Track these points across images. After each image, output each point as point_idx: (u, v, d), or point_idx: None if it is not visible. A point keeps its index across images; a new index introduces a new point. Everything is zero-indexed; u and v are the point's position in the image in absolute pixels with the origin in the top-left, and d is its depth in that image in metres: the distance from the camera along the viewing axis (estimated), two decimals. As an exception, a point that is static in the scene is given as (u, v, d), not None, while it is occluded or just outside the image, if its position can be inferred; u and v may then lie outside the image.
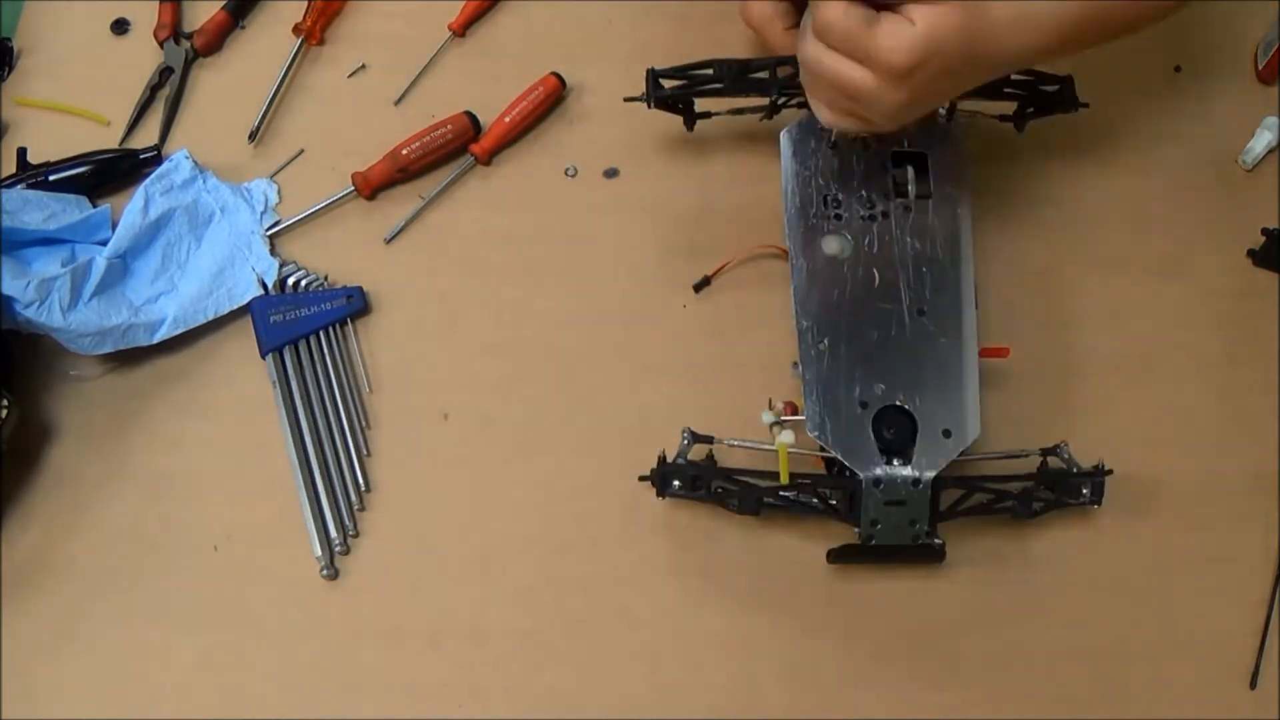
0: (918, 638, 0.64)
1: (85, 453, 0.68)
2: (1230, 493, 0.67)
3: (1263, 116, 0.78)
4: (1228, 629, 0.64)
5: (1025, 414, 0.69)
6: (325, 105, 0.80)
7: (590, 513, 0.67)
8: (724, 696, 0.62)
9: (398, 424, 0.70)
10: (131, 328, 0.68)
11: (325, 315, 0.71)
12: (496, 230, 0.76)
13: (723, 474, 0.62)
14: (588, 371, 0.71)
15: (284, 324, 0.70)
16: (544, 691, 0.62)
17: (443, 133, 0.76)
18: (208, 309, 0.71)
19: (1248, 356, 0.71)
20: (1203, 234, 0.75)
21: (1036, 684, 0.63)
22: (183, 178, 0.74)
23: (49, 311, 0.64)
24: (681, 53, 0.81)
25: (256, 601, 0.65)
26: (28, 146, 0.76)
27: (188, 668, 0.63)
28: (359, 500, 0.68)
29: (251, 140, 0.79)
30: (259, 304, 0.71)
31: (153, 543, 0.66)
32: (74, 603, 0.65)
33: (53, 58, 0.83)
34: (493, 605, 0.64)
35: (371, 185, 0.75)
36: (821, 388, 0.62)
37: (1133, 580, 0.65)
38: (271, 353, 0.70)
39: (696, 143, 0.79)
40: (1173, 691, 0.62)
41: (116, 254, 0.70)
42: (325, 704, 0.62)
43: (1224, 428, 0.69)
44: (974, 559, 0.65)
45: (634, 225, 0.75)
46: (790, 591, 0.65)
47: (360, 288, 0.73)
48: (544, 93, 0.79)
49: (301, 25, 0.82)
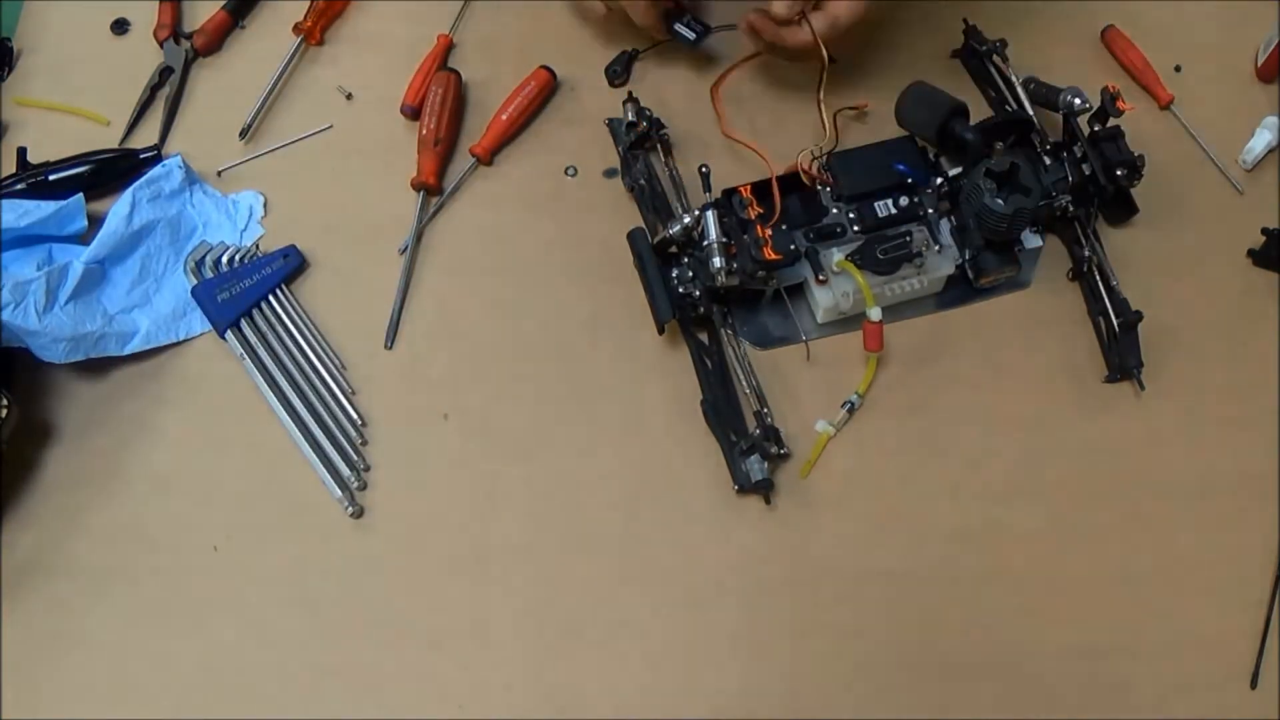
0: (918, 638, 0.64)
1: (85, 453, 0.68)
2: (1230, 493, 0.67)
3: (1263, 116, 0.78)
4: (1228, 629, 0.64)
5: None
6: (323, 106, 0.81)
7: (590, 512, 0.67)
8: (724, 696, 0.62)
9: (398, 424, 0.70)
10: (104, 336, 0.68)
11: (269, 280, 0.72)
12: (496, 230, 0.76)
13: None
14: (588, 371, 0.71)
15: (232, 300, 0.71)
16: (544, 691, 0.62)
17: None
18: (179, 329, 0.72)
19: (1248, 356, 0.71)
20: (1203, 234, 0.75)
21: (1036, 684, 0.63)
22: (172, 187, 0.74)
23: (24, 314, 0.64)
24: (681, 53, 0.82)
25: (256, 601, 0.65)
26: (28, 146, 0.76)
27: (188, 668, 0.63)
28: (358, 434, 0.68)
29: (243, 138, 0.79)
30: (201, 290, 0.71)
31: (153, 543, 0.66)
32: (74, 603, 0.65)
33: (53, 58, 0.83)
34: (493, 605, 0.64)
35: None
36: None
37: (1133, 580, 0.65)
38: (230, 329, 0.70)
39: (720, 139, 0.79)
40: (1173, 691, 0.62)
41: (95, 259, 0.70)
42: (325, 704, 0.62)
43: (1224, 428, 0.69)
44: (974, 560, 0.65)
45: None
46: (791, 592, 0.65)
47: (294, 246, 0.74)
48: (536, 87, 0.79)
49: (302, 25, 0.82)
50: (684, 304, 0.69)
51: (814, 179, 0.72)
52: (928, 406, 0.69)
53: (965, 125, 0.71)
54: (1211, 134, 0.78)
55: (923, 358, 0.71)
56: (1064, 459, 0.68)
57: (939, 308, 0.72)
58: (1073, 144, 0.71)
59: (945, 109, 0.71)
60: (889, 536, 0.66)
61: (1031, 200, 0.66)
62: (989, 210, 0.66)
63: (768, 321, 0.72)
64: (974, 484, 0.67)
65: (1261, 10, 0.83)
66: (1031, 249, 0.73)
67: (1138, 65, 0.81)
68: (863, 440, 0.68)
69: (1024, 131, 0.73)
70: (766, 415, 0.66)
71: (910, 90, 0.74)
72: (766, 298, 0.70)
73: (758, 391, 0.68)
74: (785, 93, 0.80)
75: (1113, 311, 0.69)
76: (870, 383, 0.69)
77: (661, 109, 0.77)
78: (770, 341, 0.71)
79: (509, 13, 0.85)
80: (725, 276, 0.66)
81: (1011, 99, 0.76)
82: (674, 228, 0.68)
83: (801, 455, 0.68)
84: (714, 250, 0.66)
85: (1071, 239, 0.73)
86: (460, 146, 0.79)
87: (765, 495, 0.66)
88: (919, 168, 0.72)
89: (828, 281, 0.69)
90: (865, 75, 0.80)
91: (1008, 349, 0.71)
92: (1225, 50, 0.82)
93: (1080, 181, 0.70)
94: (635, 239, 0.71)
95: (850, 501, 0.67)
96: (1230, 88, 0.81)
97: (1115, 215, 0.75)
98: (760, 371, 0.70)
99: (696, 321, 0.71)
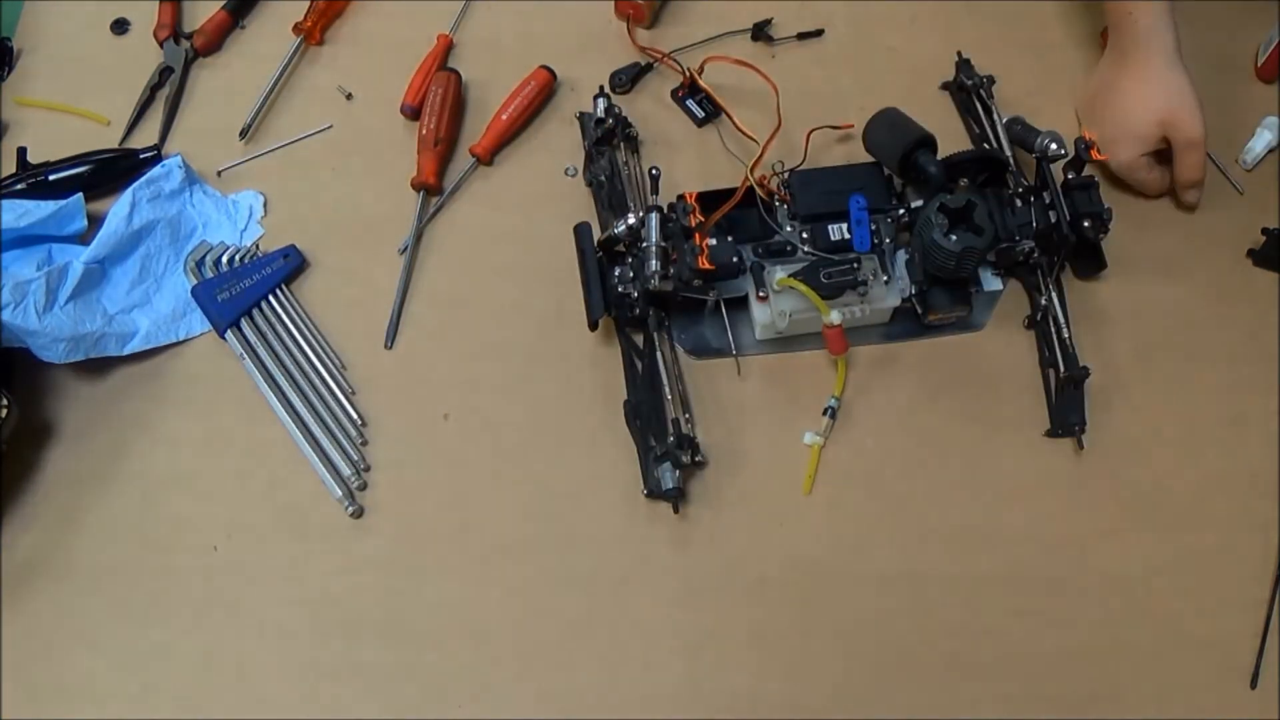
0: (918, 638, 0.64)
1: (85, 453, 0.68)
2: (1230, 493, 0.67)
3: (1263, 116, 0.78)
4: (1228, 629, 0.64)
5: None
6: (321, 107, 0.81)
7: (590, 512, 0.67)
8: (725, 696, 0.62)
9: (398, 424, 0.70)
10: (104, 336, 0.68)
11: (269, 280, 0.72)
12: (496, 230, 0.76)
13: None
14: (588, 371, 0.71)
15: (232, 300, 0.71)
16: (544, 691, 0.62)
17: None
18: (179, 330, 0.72)
19: (1248, 356, 0.71)
20: (1203, 234, 0.75)
21: (1036, 684, 0.63)
22: (172, 186, 0.75)
23: (24, 314, 0.64)
24: (679, 53, 0.82)
25: (257, 600, 0.65)
26: (28, 146, 0.76)
27: (187, 667, 0.63)
28: (358, 434, 0.68)
29: (243, 138, 0.79)
30: (201, 290, 0.71)
31: (153, 543, 0.66)
32: (74, 603, 0.65)
33: (53, 58, 0.83)
34: (493, 605, 0.64)
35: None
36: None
37: (1133, 580, 0.65)
38: (230, 329, 0.70)
39: (695, 143, 0.79)
40: (1173, 691, 0.62)
41: (95, 259, 0.70)
42: (325, 703, 0.62)
43: (1224, 428, 0.69)
44: (974, 561, 0.65)
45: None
46: (792, 592, 0.65)
47: (294, 246, 0.74)
48: (536, 87, 0.79)
49: (302, 25, 0.82)
50: (622, 304, 0.69)
51: (771, 194, 0.71)
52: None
53: (930, 158, 0.69)
54: (1211, 134, 0.78)
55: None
56: (1064, 459, 0.68)
57: (885, 339, 0.71)
58: (1044, 189, 0.70)
59: (910, 138, 0.69)
60: (887, 538, 0.66)
61: (983, 241, 0.64)
62: (936, 246, 0.65)
63: (707, 332, 0.71)
64: (975, 483, 0.67)
65: (1261, 10, 0.83)
66: (990, 291, 0.72)
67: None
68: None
69: (1000, 171, 0.72)
70: (686, 423, 0.66)
71: (880, 116, 0.72)
72: (709, 308, 0.69)
73: (682, 398, 0.68)
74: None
75: (1062, 364, 0.67)
76: (844, 385, 0.69)
77: (640, 116, 0.77)
78: (706, 352, 0.71)
79: (509, 13, 0.85)
80: (659, 281, 0.65)
81: (993, 137, 0.75)
82: (619, 227, 0.68)
83: (761, 467, 0.68)
84: (651, 253, 0.65)
85: (1033, 285, 0.72)
86: (460, 146, 0.79)
87: (674, 504, 0.65)
88: (881, 195, 0.70)
89: (767, 299, 0.68)
90: (857, 96, 0.79)
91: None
92: (1225, 50, 0.82)
93: (1047, 228, 0.69)
94: (580, 234, 0.71)
95: (845, 505, 0.67)
96: (1230, 88, 0.81)
97: (1083, 268, 0.73)
98: (695, 382, 0.70)
99: (632, 323, 0.71)
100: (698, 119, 0.80)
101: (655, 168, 0.72)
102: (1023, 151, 0.73)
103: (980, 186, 0.71)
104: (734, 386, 0.70)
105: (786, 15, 0.84)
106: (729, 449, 0.68)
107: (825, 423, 0.68)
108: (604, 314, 0.68)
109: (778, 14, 0.84)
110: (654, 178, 0.72)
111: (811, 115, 0.76)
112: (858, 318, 0.69)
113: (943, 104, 0.81)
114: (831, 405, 0.68)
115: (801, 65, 0.81)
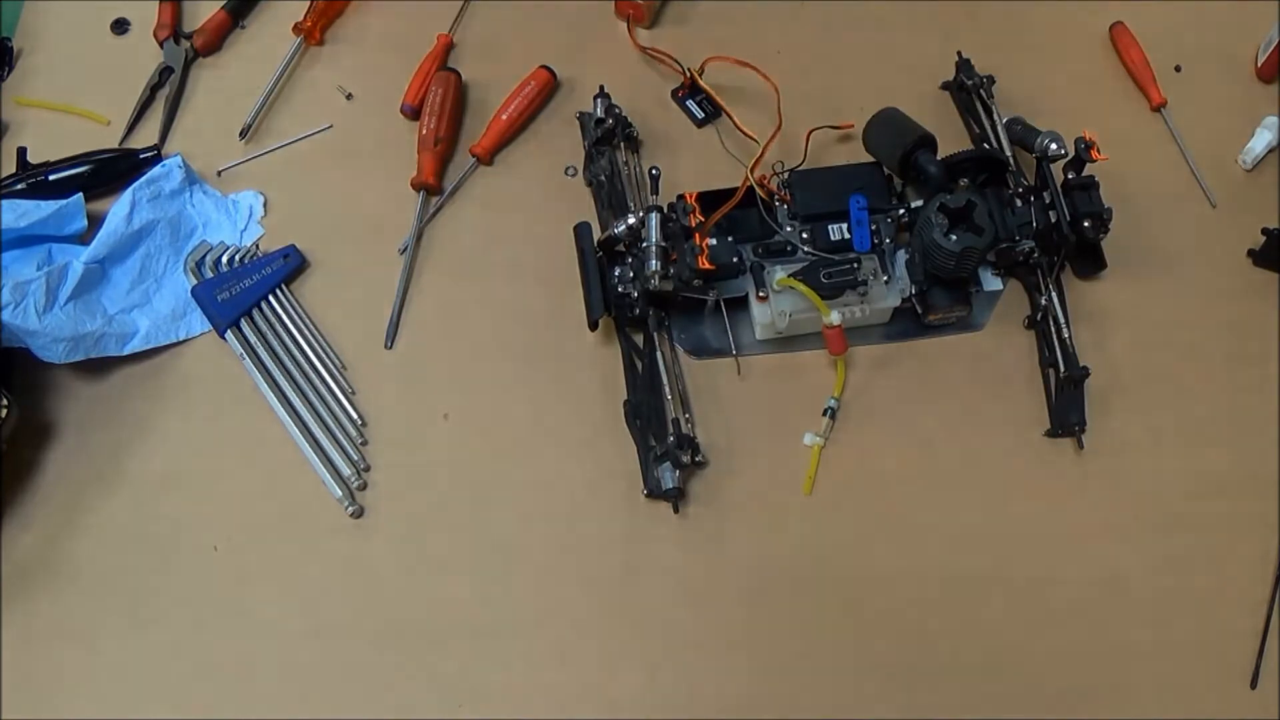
0: (918, 638, 0.64)
1: (85, 453, 0.68)
2: (1230, 493, 0.67)
3: (1263, 116, 0.78)
4: (1228, 629, 0.64)
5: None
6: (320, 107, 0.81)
7: (590, 512, 0.67)
8: (725, 696, 0.62)
9: (398, 424, 0.70)
10: (104, 336, 0.68)
11: (269, 279, 0.72)
12: (496, 230, 0.76)
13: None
14: (588, 371, 0.71)
15: (232, 300, 0.71)
16: (544, 691, 0.62)
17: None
18: (179, 330, 0.72)
19: (1248, 356, 0.71)
20: (1203, 234, 0.75)
21: (1036, 683, 0.63)
22: (172, 186, 0.74)
23: (24, 314, 0.64)
24: (680, 53, 0.82)
25: (256, 601, 0.64)
26: (27, 146, 0.76)
27: (187, 667, 0.63)
28: (358, 434, 0.68)
29: (243, 138, 0.79)
30: (201, 290, 0.71)
31: (153, 543, 0.66)
32: (74, 603, 0.65)
33: (53, 58, 0.83)
34: (493, 604, 0.64)
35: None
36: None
37: (1133, 580, 0.65)
38: (230, 329, 0.70)
39: (695, 143, 0.79)
40: (1173, 691, 0.62)
41: (95, 259, 0.70)
42: (325, 703, 0.62)
43: (1224, 428, 0.69)
44: (975, 561, 0.65)
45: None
46: (792, 592, 0.65)
47: (294, 245, 0.74)
48: (536, 87, 0.79)
49: (302, 25, 0.82)
50: (622, 304, 0.69)
51: (771, 194, 0.71)
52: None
53: (930, 158, 0.69)
54: (1211, 134, 0.78)
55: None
56: (1064, 460, 0.68)
57: (885, 339, 0.71)
58: (1044, 189, 0.70)
59: (910, 138, 0.69)
60: (887, 538, 0.66)
61: (983, 241, 0.64)
62: (936, 246, 0.65)
63: (707, 332, 0.71)
64: (975, 483, 0.67)
65: (1261, 10, 0.83)
66: (990, 291, 0.72)
67: (1137, 64, 0.81)
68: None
69: (1000, 171, 0.72)
70: (686, 423, 0.66)
71: (880, 115, 0.72)
72: (709, 308, 0.69)
73: (682, 398, 0.68)
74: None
75: (1062, 364, 0.67)
76: (843, 385, 0.69)
77: (641, 116, 0.77)
78: (707, 352, 0.71)
79: (509, 13, 0.85)
80: (659, 280, 0.65)
81: (993, 137, 0.75)
82: (619, 226, 0.68)
83: (762, 467, 0.68)
84: (651, 253, 0.65)
85: (1033, 285, 0.72)
86: (460, 146, 0.79)
87: (674, 504, 0.65)
88: (881, 195, 0.70)
89: (767, 299, 0.68)
90: (857, 96, 0.79)
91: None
92: (1225, 50, 0.82)
93: (1047, 228, 0.69)
94: (580, 234, 0.71)
95: (847, 506, 0.67)
96: (1230, 88, 0.81)
97: (1083, 268, 0.73)
98: (695, 382, 0.70)
99: (632, 323, 0.70)
100: (698, 119, 0.80)
101: (655, 168, 0.72)
102: (1023, 151, 0.73)
103: (980, 186, 0.71)
104: (734, 386, 0.70)
105: (786, 15, 0.84)
106: (729, 449, 0.68)
107: (825, 423, 0.68)
108: (604, 314, 0.68)
109: (776, 14, 0.84)
110: (654, 178, 0.72)
111: (812, 115, 0.76)
112: (858, 318, 0.69)
113: (943, 104, 0.81)
114: (831, 405, 0.68)
115: (802, 65, 0.81)
